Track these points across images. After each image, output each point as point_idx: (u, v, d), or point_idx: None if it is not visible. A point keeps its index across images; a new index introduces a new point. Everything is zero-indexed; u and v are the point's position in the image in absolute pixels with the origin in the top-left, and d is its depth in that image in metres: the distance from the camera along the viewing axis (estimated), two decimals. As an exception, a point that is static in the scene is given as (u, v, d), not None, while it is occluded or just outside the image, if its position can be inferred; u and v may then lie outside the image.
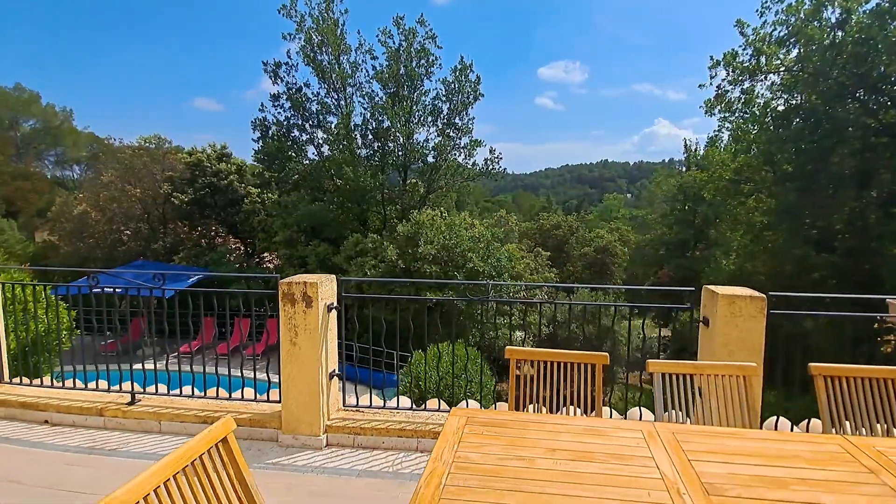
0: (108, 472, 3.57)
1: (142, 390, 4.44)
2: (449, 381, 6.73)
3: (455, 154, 24.33)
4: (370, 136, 23.60)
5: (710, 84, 15.63)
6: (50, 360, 7.70)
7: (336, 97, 23.86)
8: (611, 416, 3.88)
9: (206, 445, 1.66)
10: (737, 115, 16.04)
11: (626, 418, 4.01)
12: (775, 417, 3.92)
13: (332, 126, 23.46)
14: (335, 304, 3.99)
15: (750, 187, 20.00)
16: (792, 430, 3.97)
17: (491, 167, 24.88)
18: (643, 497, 1.67)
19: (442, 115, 23.88)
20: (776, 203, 16.04)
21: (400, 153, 23.55)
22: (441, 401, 4.54)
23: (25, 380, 4.73)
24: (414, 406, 4.30)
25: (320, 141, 24.38)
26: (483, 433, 2.06)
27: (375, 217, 24.16)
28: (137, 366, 4.78)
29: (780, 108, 14.94)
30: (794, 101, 14.86)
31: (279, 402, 4.03)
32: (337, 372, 4.06)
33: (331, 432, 3.91)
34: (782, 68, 14.63)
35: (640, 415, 4.22)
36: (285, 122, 24.19)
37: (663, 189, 39.59)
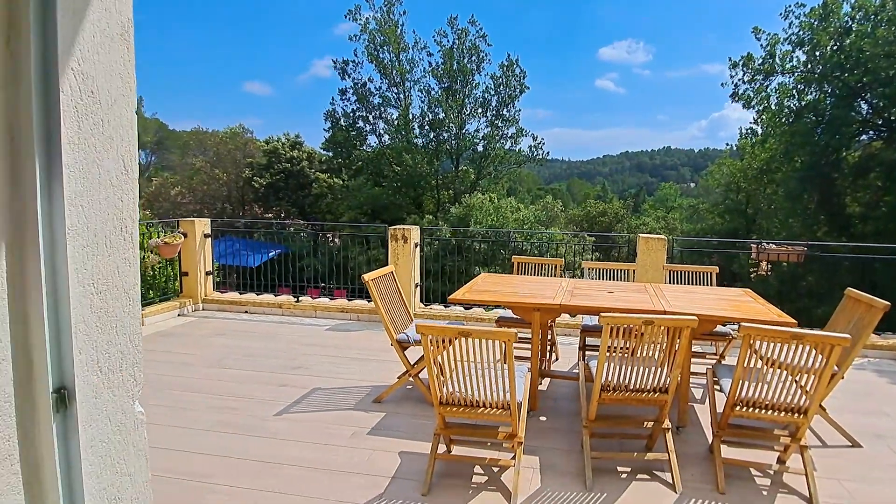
0: (294, 330, 6.43)
1: (299, 297, 7.33)
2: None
3: (502, 143, 26.82)
4: (426, 127, 26.37)
5: (731, 83, 17.55)
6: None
7: (396, 91, 26.74)
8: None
9: (386, 271, 4.39)
10: (755, 109, 17.86)
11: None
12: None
13: (393, 117, 26.41)
14: (419, 242, 6.74)
15: (780, 176, 21.63)
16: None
17: (535, 153, 27.27)
18: (552, 286, 4.27)
19: (491, 107, 26.39)
20: (784, 191, 17.84)
21: (453, 142, 26.25)
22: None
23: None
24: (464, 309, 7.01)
25: (381, 131, 27.37)
26: (493, 278, 4.74)
27: (430, 201, 26.98)
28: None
29: (794, 105, 16.69)
30: (805, 101, 16.58)
31: (385, 300, 6.81)
32: (418, 283, 6.81)
33: (417, 318, 6.67)
34: (795, 70, 16.38)
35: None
36: (351, 114, 27.28)
37: (716, 178, 39.97)
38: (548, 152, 28.19)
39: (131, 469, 0.82)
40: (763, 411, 3.00)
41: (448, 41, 25.62)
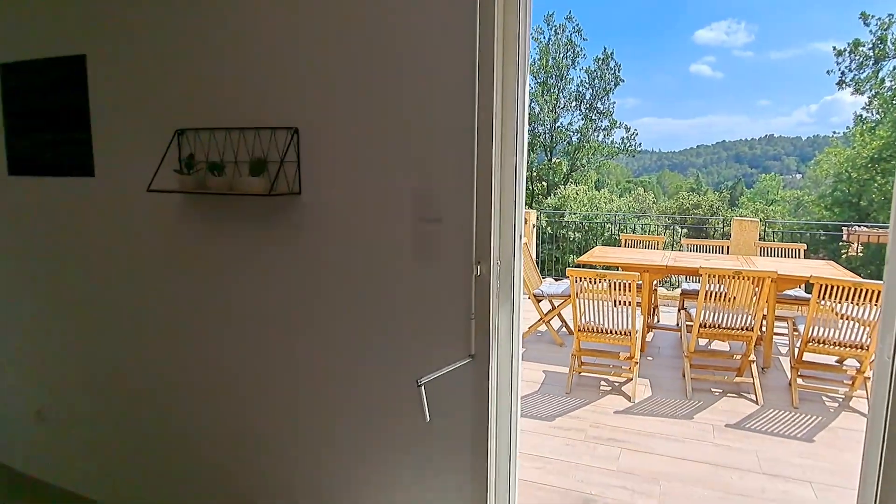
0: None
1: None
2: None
3: (595, 135, 27.29)
4: (522, 121, 27.37)
5: (838, 70, 17.15)
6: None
7: (493, 87, 27.91)
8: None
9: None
10: (867, 95, 17.34)
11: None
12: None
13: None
14: (535, 223, 7.91)
15: (894, 165, 20.66)
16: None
17: (628, 145, 27.51)
18: (657, 254, 5.28)
19: (585, 101, 26.91)
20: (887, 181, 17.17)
21: (547, 135, 27.08)
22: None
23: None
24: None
25: (479, 126, 28.65)
26: (607, 249, 5.81)
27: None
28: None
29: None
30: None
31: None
32: (533, 258, 7.98)
33: (532, 288, 7.86)
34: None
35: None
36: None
37: (824, 168, 37.56)
38: (640, 143, 28.30)
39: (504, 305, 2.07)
40: (831, 347, 3.91)
41: (545, 37, 26.39)
